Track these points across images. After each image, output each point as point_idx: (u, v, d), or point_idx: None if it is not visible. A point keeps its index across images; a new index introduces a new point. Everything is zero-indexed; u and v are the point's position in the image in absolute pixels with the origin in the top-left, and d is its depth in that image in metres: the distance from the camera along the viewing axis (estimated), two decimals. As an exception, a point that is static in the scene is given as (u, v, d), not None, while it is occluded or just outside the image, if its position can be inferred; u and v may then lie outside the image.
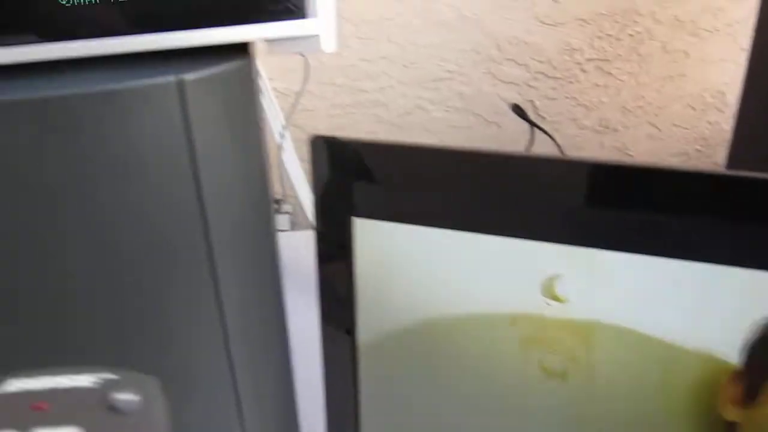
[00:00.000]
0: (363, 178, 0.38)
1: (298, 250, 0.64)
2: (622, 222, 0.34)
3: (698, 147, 0.94)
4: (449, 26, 0.84)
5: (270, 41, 0.35)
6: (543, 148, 0.90)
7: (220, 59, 0.34)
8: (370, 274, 0.39)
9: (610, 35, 0.86)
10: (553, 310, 0.37)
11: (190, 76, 0.32)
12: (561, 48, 0.86)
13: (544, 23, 0.85)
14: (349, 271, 0.39)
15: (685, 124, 0.92)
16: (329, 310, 0.41)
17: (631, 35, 0.87)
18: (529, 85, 0.89)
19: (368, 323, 0.40)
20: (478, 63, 0.87)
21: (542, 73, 0.88)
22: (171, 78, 0.31)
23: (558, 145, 0.80)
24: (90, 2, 0.32)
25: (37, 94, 0.30)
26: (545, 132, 0.81)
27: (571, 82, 0.89)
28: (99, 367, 0.20)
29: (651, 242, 0.32)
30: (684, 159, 0.95)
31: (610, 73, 0.89)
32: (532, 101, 0.90)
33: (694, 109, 0.91)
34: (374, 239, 0.38)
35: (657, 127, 0.93)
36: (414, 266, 0.38)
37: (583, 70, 0.88)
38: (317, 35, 0.34)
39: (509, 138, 0.91)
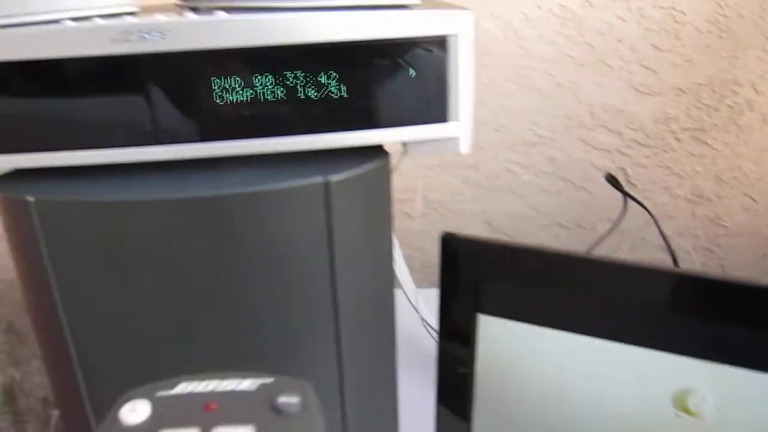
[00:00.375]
0: (490, 276, 0.38)
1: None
2: (761, 340, 0.33)
3: (797, 220, 0.90)
4: (542, 92, 0.85)
5: (409, 143, 0.36)
6: (634, 217, 0.88)
7: (362, 159, 0.35)
8: (491, 368, 0.38)
9: (708, 105, 0.85)
10: (683, 423, 0.36)
11: (335, 178, 0.33)
12: (656, 117, 0.85)
13: (640, 92, 0.84)
14: (469, 363, 0.39)
15: (784, 197, 0.89)
16: (447, 397, 0.41)
17: (729, 106, 0.85)
18: (622, 153, 0.88)
19: (485, 413, 0.40)
20: (571, 129, 0.87)
21: (636, 141, 0.87)
22: (318, 179, 0.33)
23: (652, 216, 0.78)
24: (243, 102, 0.33)
25: (192, 194, 0.32)
26: (638, 202, 0.79)
27: (665, 151, 0.87)
28: (258, 373, 0.21)
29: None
30: (781, 232, 0.92)
31: (706, 143, 0.87)
32: (623, 169, 0.88)
33: (794, 182, 0.88)
34: (498, 336, 0.38)
35: (753, 199, 0.90)
36: (538, 365, 0.38)
37: (678, 139, 0.87)
38: (457, 137, 0.35)
39: (598, 205, 0.90)
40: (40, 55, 0.31)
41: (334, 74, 0.33)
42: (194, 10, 0.36)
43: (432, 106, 0.34)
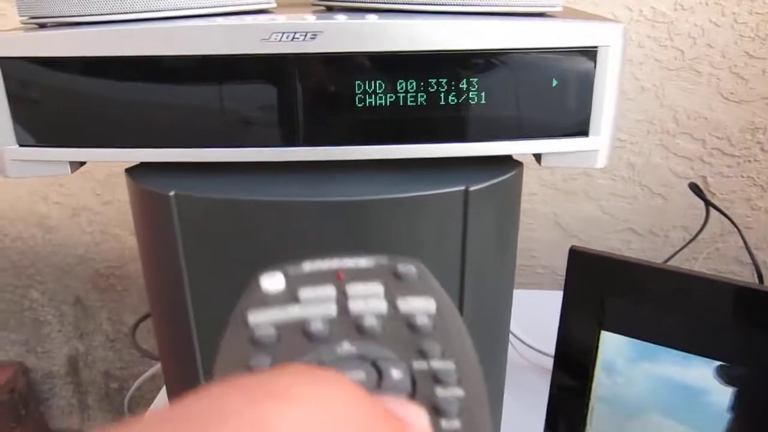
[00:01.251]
0: (618, 293, 0.37)
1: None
2: None
3: None
4: (626, 95, 0.83)
5: (544, 155, 0.35)
6: (711, 227, 0.86)
7: (497, 168, 0.34)
8: (609, 388, 0.38)
9: (798, 116, 0.82)
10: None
11: (475, 187, 0.33)
12: (743, 126, 0.83)
13: (728, 100, 0.82)
14: (586, 379, 0.39)
15: None
16: (561, 410, 0.41)
17: (821, 118, 0.82)
18: (703, 161, 0.86)
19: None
20: (652, 134, 0.85)
21: (719, 149, 0.85)
22: (459, 188, 0.32)
23: (737, 227, 0.76)
24: (384, 106, 0.33)
25: (332, 198, 0.32)
26: (723, 213, 0.77)
27: (749, 161, 0.85)
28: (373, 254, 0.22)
29: None
30: None
31: (793, 155, 0.84)
32: (704, 177, 0.86)
33: None
34: (618, 353, 0.37)
35: (837, 214, 0.87)
36: (654, 385, 0.37)
37: (764, 150, 0.84)
38: (597, 150, 0.34)
39: (673, 212, 0.88)
40: (189, 51, 0.32)
41: (476, 82, 0.33)
42: (330, 9, 0.36)
43: (574, 119, 0.33)
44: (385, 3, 0.34)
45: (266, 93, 0.32)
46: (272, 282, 0.21)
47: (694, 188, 0.82)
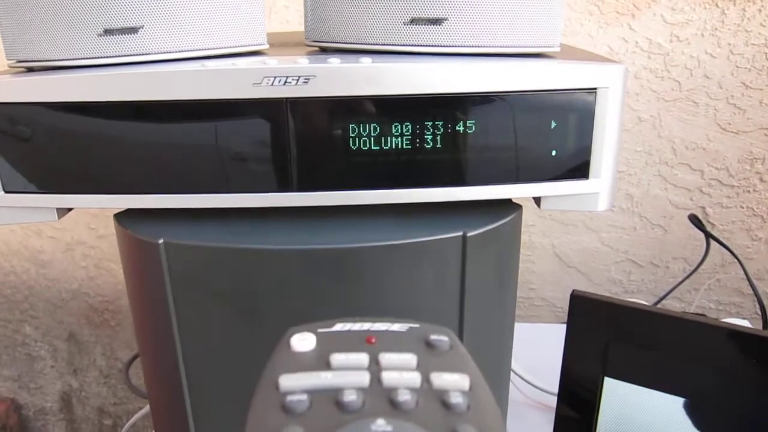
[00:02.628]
0: (619, 339, 0.36)
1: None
2: None
3: None
4: (623, 126, 0.82)
5: (544, 198, 0.34)
6: (711, 258, 0.85)
7: (497, 213, 0.33)
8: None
9: (796, 146, 0.82)
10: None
11: (473, 232, 0.32)
12: (741, 156, 0.83)
13: (725, 130, 0.81)
14: (588, 427, 0.37)
15: None
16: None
17: (819, 148, 0.82)
18: (702, 192, 0.85)
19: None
20: (650, 165, 0.84)
21: (717, 180, 0.84)
22: (457, 233, 0.31)
23: (738, 259, 0.75)
24: (379, 150, 0.32)
25: (326, 245, 0.31)
26: (724, 245, 0.77)
27: (748, 191, 0.84)
28: (405, 319, 0.22)
29: None
30: None
31: (792, 185, 0.84)
32: (703, 208, 0.86)
33: None
34: (622, 400, 0.36)
35: (839, 244, 0.86)
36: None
37: (763, 180, 0.84)
38: (597, 193, 0.33)
39: (673, 243, 0.87)
40: (179, 96, 0.31)
41: (472, 125, 0.32)
42: (324, 50, 0.35)
43: (573, 161, 0.33)
44: (379, 44, 0.33)
45: (258, 137, 0.32)
46: (303, 342, 0.20)
47: (694, 220, 0.81)
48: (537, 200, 0.35)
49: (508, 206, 0.34)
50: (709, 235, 0.80)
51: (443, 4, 0.32)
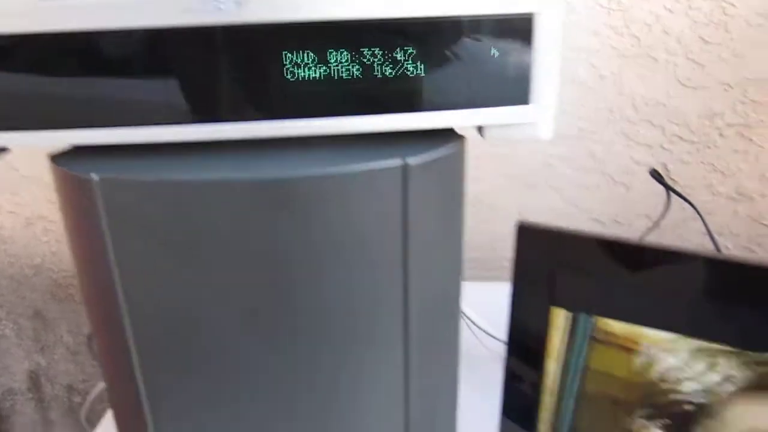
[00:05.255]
0: (565, 268, 0.36)
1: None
2: None
3: (842, 221, 0.88)
4: (585, 84, 0.83)
5: (484, 128, 0.34)
6: (673, 214, 0.86)
7: (438, 141, 0.33)
8: (561, 364, 0.37)
9: (754, 101, 0.82)
10: None
11: (414, 161, 0.31)
12: (701, 112, 0.83)
13: (685, 86, 0.82)
14: (540, 360, 0.38)
15: (829, 196, 0.87)
16: (514, 398, 0.40)
17: (777, 102, 0.83)
18: (663, 148, 0.86)
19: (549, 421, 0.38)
20: (612, 122, 0.85)
21: (678, 136, 0.85)
22: (397, 162, 0.31)
23: (697, 211, 0.76)
24: (315, 79, 0.32)
25: (261, 175, 0.30)
26: (683, 198, 0.77)
27: (708, 147, 0.85)
28: None
29: None
30: (825, 233, 0.89)
31: (750, 140, 0.85)
32: (664, 164, 0.86)
33: (841, 181, 0.86)
34: (568, 330, 0.36)
35: (797, 198, 0.88)
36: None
37: (722, 135, 0.85)
38: (539, 120, 0.33)
39: (636, 201, 0.88)
40: (102, 25, 0.30)
41: (412, 51, 0.31)
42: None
43: (513, 88, 0.32)
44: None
45: (189, 67, 0.31)
46: None
47: (655, 174, 0.81)
48: (480, 131, 0.35)
49: (451, 137, 0.34)
50: (669, 189, 0.81)
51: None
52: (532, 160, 0.87)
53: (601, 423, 0.36)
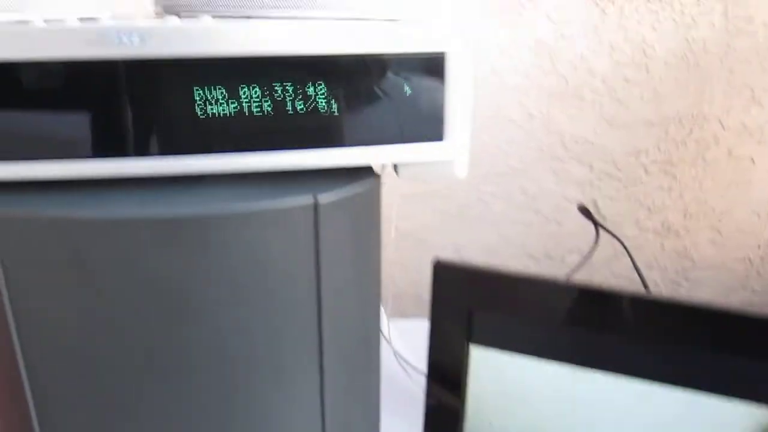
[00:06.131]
0: (484, 305, 0.36)
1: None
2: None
3: (762, 253, 0.91)
4: (515, 123, 0.84)
5: (399, 166, 0.34)
6: (604, 249, 0.88)
7: (350, 178, 0.33)
8: (482, 402, 0.36)
9: (676, 139, 0.86)
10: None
11: (325, 198, 0.31)
12: (626, 150, 0.86)
13: (611, 124, 0.85)
14: (460, 398, 0.37)
15: (749, 230, 0.90)
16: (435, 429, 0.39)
17: (697, 140, 0.86)
18: (592, 185, 0.88)
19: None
20: (542, 160, 0.86)
21: (606, 173, 0.87)
22: (307, 200, 0.30)
23: (625, 247, 0.78)
24: (226, 115, 0.31)
25: (167, 213, 0.29)
26: (611, 233, 0.79)
27: (634, 184, 0.88)
28: None
29: None
30: (746, 266, 0.93)
31: (674, 176, 0.88)
32: (594, 200, 0.88)
33: (759, 216, 0.90)
34: (489, 368, 0.36)
35: (720, 233, 0.91)
36: (529, 398, 0.36)
37: (647, 172, 0.87)
38: (452, 160, 0.33)
39: (568, 236, 0.89)
40: (3, 56, 0.29)
41: (323, 87, 0.31)
42: (177, 15, 0.34)
43: (427, 125, 0.32)
44: (224, 10, 0.32)
45: (94, 101, 0.30)
46: None
47: (584, 211, 0.83)
48: (396, 169, 0.34)
49: (364, 174, 0.34)
50: (597, 225, 0.83)
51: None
52: (466, 197, 0.87)
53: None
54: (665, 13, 0.81)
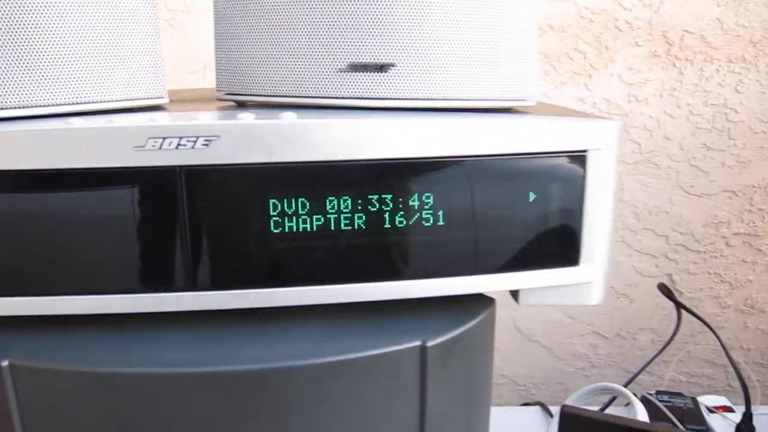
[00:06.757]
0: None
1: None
2: None
3: None
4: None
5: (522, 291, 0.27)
6: (684, 328, 0.79)
7: (463, 312, 0.26)
8: None
9: (761, 209, 0.78)
10: None
11: (433, 342, 0.24)
12: (706, 220, 0.78)
13: (688, 193, 0.77)
14: None
15: (842, 309, 0.81)
16: None
17: (784, 210, 0.78)
18: (668, 258, 0.80)
19: None
20: (614, 231, 0.79)
21: (683, 245, 0.79)
22: (415, 343, 0.23)
23: (710, 327, 0.69)
24: (306, 231, 0.24)
25: (248, 367, 0.22)
26: (694, 314, 0.71)
27: (714, 257, 0.79)
28: None
29: None
30: (840, 348, 0.83)
31: (759, 250, 0.79)
32: (669, 275, 0.80)
33: None
34: None
35: (809, 311, 0.82)
36: None
37: (729, 245, 0.79)
38: (590, 283, 0.26)
39: (640, 313, 0.81)
40: (34, 164, 0.23)
41: (430, 198, 0.24)
42: (242, 105, 0.28)
43: (559, 244, 0.25)
44: (308, 97, 0.26)
45: (142, 221, 0.23)
46: None
47: (664, 289, 0.75)
48: (514, 294, 0.27)
49: (477, 301, 0.27)
50: (680, 305, 0.74)
51: (390, 46, 0.25)
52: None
53: None
54: (749, 74, 0.74)
